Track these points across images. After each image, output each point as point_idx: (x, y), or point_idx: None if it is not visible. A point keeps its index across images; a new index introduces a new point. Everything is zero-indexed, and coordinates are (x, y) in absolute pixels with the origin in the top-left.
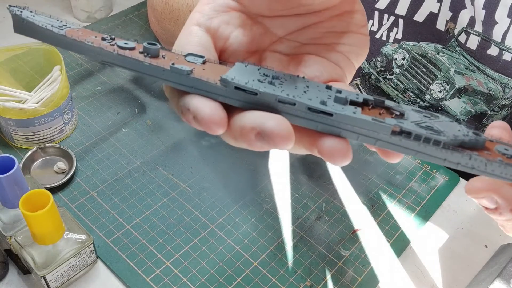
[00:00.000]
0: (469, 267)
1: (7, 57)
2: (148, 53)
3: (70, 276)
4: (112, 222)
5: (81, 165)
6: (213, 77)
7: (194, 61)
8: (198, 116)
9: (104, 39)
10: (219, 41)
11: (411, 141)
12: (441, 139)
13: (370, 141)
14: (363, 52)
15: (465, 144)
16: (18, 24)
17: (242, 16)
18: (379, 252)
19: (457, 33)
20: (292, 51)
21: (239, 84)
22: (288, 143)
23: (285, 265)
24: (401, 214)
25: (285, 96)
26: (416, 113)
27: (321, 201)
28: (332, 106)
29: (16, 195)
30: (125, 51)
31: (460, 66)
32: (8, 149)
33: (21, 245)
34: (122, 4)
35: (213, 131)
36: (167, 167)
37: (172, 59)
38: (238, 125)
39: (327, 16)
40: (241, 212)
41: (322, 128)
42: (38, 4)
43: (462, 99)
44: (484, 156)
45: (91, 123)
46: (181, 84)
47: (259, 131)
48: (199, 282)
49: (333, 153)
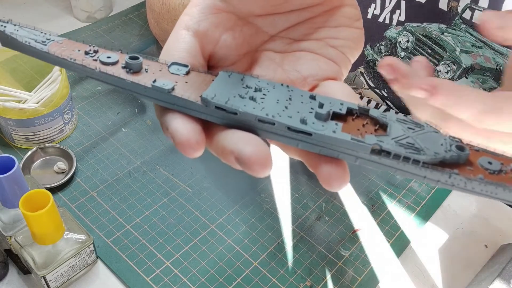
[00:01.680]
0: (469, 267)
1: (7, 57)
2: (130, 68)
3: (70, 276)
4: (112, 222)
5: (81, 165)
6: (195, 91)
7: (177, 72)
8: (175, 139)
9: (87, 53)
10: (208, 45)
11: (390, 160)
12: (421, 158)
13: (350, 158)
14: (357, 46)
15: (446, 161)
16: (3, 39)
17: (232, 18)
18: (379, 252)
19: (461, 10)
20: (285, 48)
21: (219, 104)
22: (265, 170)
23: (285, 265)
24: (401, 214)
25: (264, 116)
26: (399, 125)
27: (321, 201)
28: (312, 124)
29: (16, 195)
30: (107, 67)
31: (466, 44)
32: (8, 149)
33: (21, 245)
34: (122, 4)
35: (188, 154)
36: (167, 167)
37: (155, 71)
38: (219, 145)
39: (318, 11)
40: (241, 212)
41: (302, 146)
42: (38, 4)
43: (469, 78)
44: (464, 173)
45: (91, 123)
46: (163, 101)
47: (237, 156)
48: (199, 282)
49: (330, 179)
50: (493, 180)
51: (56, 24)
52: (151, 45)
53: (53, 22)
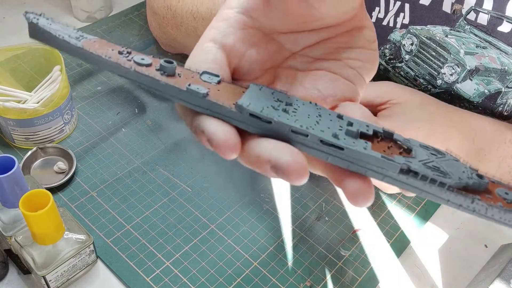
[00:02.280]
0: (469, 267)
1: (7, 57)
2: (165, 71)
3: (70, 276)
4: (112, 222)
5: (81, 165)
6: (228, 100)
7: (209, 81)
8: (213, 141)
9: (121, 53)
10: (234, 59)
11: (417, 180)
12: (447, 181)
13: (378, 176)
14: (373, 67)
15: (469, 187)
16: (33, 31)
17: (258, 34)
18: (379, 252)
19: (465, 12)
20: (305, 66)
21: (254, 111)
22: (301, 179)
23: (285, 265)
24: (401, 214)
25: (299, 127)
26: (423, 150)
27: (321, 201)
28: (343, 139)
29: (16, 195)
30: (142, 68)
31: (470, 46)
32: (8, 149)
33: (21, 245)
34: (122, 4)
35: (227, 156)
36: (167, 167)
37: (187, 78)
38: (254, 153)
39: (338, 31)
40: (241, 212)
41: (332, 160)
42: (38, 4)
43: (474, 80)
44: (485, 200)
45: (91, 123)
46: (197, 105)
47: (274, 164)
48: (199, 282)
49: (356, 196)
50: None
51: None
52: (151, 45)
53: None
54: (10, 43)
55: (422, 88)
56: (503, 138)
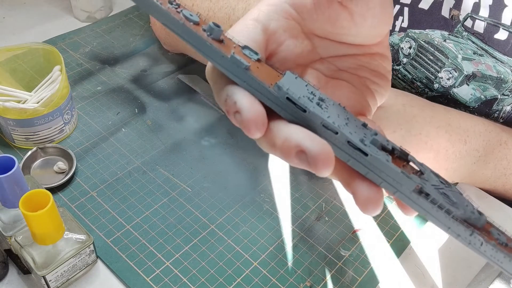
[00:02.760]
0: (469, 267)
1: (7, 57)
2: (211, 33)
3: (70, 276)
4: (112, 222)
5: (81, 165)
6: (266, 79)
7: (250, 56)
8: (243, 114)
9: (171, 3)
10: (272, 44)
11: (427, 202)
12: (453, 210)
13: (391, 189)
14: (386, 94)
15: (469, 220)
16: None
17: (298, 28)
18: (379, 252)
19: (462, 19)
20: (330, 73)
21: (292, 96)
22: (327, 169)
23: (285, 265)
24: (401, 214)
25: (331, 122)
26: (434, 176)
27: (321, 201)
28: (369, 146)
29: (16, 195)
30: (190, 24)
31: (467, 51)
32: (8, 149)
33: (21, 245)
34: (122, 4)
35: (251, 133)
36: (167, 167)
37: (230, 47)
38: (282, 136)
39: (364, 51)
40: (241, 212)
41: (352, 163)
42: (38, 4)
43: (471, 85)
44: (482, 236)
45: (91, 123)
46: (235, 75)
47: (303, 150)
48: (199, 282)
49: (367, 202)
50: (502, 249)
51: (56, 24)
52: (151, 45)
53: (53, 22)
54: (10, 43)
55: (419, 91)
56: (498, 139)
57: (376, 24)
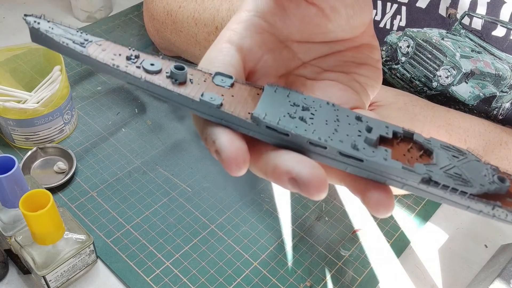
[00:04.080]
0: (469, 267)
1: (7, 57)
2: (176, 79)
3: (70, 276)
4: (112, 222)
5: (81, 165)
6: (243, 107)
7: (222, 84)
8: (222, 154)
9: (129, 59)
10: (250, 62)
11: (438, 189)
12: (467, 190)
13: (398, 184)
14: (377, 85)
15: (490, 192)
16: (35, 37)
17: (274, 40)
18: (379, 252)
19: (459, 17)
20: (314, 76)
21: (271, 124)
22: (321, 193)
23: (285, 265)
24: (401, 214)
25: (317, 139)
26: (444, 152)
27: (321, 201)
28: (363, 149)
29: (16, 195)
30: (152, 77)
31: (465, 49)
32: (8, 149)
33: (21, 245)
34: (122, 4)
35: (232, 172)
36: (167, 167)
37: (200, 82)
38: (271, 164)
39: (348, 46)
40: (241, 212)
41: (351, 170)
42: (38, 4)
43: (469, 83)
44: (506, 205)
45: (91, 123)
46: (210, 115)
47: (293, 177)
48: (199, 282)
49: (378, 206)
50: None
51: None
52: (151, 45)
53: None
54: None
55: (418, 90)
56: (498, 139)
57: (352, 14)
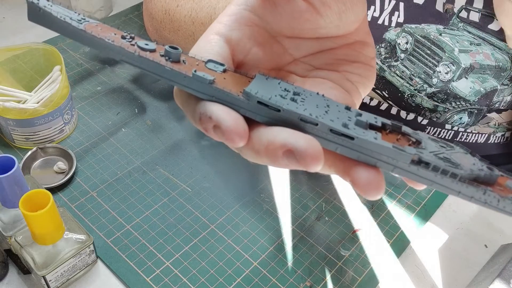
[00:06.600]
0: (469, 267)
1: (7, 57)
2: (170, 57)
3: (70, 276)
4: (112, 222)
5: (81, 165)
6: (234, 87)
7: (214, 69)
8: (222, 126)
9: (124, 38)
10: (239, 54)
11: (428, 171)
12: (458, 173)
13: (388, 167)
14: (370, 84)
15: (479, 179)
16: (33, 13)
17: (264, 34)
18: (379, 252)
19: (456, 11)
20: (305, 73)
21: (262, 99)
22: (318, 163)
23: (285, 265)
24: (401, 214)
25: (308, 115)
26: (432, 142)
27: (321, 201)
28: (353, 129)
29: (16, 195)
30: (146, 53)
31: (464, 43)
32: (8, 149)
33: (21, 245)
34: (122, 4)
35: (235, 143)
36: (167, 167)
37: (192, 65)
38: (264, 140)
39: (341, 43)
40: (241, 212)
41: (341, 150)
42: None
43: (469, 78)
44: (497, 192)
45: (91, 123)
46: (202, 92)
47: (290, 149)
48: (199, 282)
49: (368, 186)
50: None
51: None
52: None
53: None
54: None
55: (418, 87)
56: None
57: (344, 9)
